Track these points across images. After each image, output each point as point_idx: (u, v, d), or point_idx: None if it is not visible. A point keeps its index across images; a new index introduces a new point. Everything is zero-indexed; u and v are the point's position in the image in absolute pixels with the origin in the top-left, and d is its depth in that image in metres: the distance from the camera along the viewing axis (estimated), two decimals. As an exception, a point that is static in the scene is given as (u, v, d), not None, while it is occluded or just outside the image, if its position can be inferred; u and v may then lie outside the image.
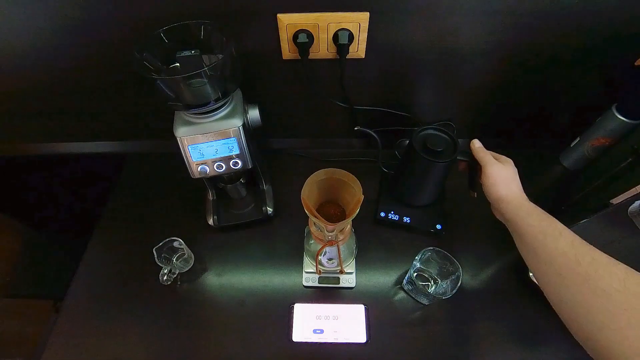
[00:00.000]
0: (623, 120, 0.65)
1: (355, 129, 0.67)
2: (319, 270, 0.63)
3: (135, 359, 0.59)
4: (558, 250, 0.40)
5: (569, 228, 0.42)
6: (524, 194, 0.50)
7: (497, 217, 0.53)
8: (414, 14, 0.58)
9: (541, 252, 0.41)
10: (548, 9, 0.57)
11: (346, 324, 0.61)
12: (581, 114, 0.75)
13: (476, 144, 0.56)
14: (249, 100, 0.62)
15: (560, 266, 0.38)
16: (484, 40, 0.62)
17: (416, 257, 0.60)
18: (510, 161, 0.54)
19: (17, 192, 0.86)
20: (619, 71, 0.67)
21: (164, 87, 0.51)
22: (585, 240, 0.40)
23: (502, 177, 0.51)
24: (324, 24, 0.59)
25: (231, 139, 0.57)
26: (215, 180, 0.71)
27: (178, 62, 0.51)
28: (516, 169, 0.53)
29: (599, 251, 0.38)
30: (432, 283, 0.64)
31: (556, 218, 0.44)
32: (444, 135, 0.60)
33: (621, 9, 0.57)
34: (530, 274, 0.62)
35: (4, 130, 0.84)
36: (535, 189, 0.76)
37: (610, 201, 0.57)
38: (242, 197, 0.74)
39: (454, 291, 0.57)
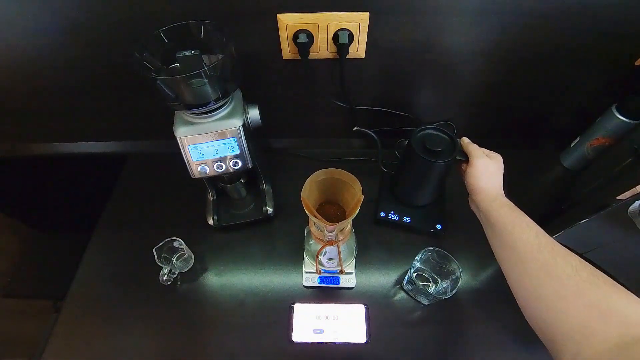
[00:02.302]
0: (623, 120, 0.65)
1: (354, 129, 0.68)
2: (319, 270, 0.63)
3: (135, 359, 0.59)
4: (523, 240, 0.43)
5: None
6: (502, 190, 0.53)
7: (472, 208, 0.56)
8: (414, 14, 0.58)
9: (508, 239, 0.45)
10: (548, 9, 0.57)
11: (346, 324, 0.61)
12: (581, 114, 0.75)
13: (465, 139, 0.59)
14: (249, 100, 0.62)
15: (524, 253, 0.42)
16: (484, 40, 0.62)
17: (416, 257, 0.60)
18: (499, 157, 0.55)
19: (17, 192, 0.86)
20: (619, 71, 0.67)
21: (164, 87, 0.51)
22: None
23: (486, 169, 0.53)
24: (324, 24, 0.59)
25: (231, 139, 0.57)
26: (215, 180, 0.71)
27: (178, 62, 0.51)
28: (502, 166, 0.55)
29: (560, 244, 0.42)
30: (432, 283, 0.64)
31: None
32: (443, 135, 0.60)
33: (621, 8, 0.57)
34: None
35: (4, 130, 0.84)
36: (535, 189, 0.76)
37: (611, 201, 0.57)
38: (242, 197, 0.74)
39: (454, 291, 0.57)
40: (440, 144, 0.58)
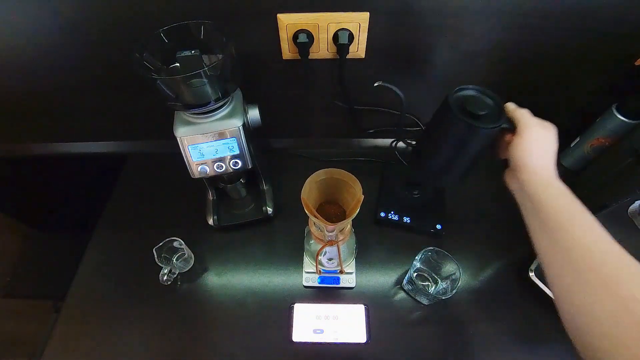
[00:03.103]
0: (623, 120, 0.65)
1: (376, 84, 0.57)
2: (319, 270, 0.63)
3: (135, 359, 0.59)
4: (584, 245, 0.35)
5: None
6: (556, 170, 0.43)
7: (511, 186, 0.46)
8: (414, 14, 0.58)
9: (563, 240, 0.36)
10: (548, 9, 0.57)
11: (346, 324, 0.61)
12: (581, 114, 0.75)
13: (511, 104, 0.47)
14: (249, 100, 0.62)
15: (582, 261, 0.34)
16: (483, 40, 0.62)
17: (416, 257, 0.60)
18: (554, 129, 0.45)
19: (17, 192, 0.86)
20: (619, 71, 0.67)
21: (164, 87, 0.51)
22: None
23: (539, 142, 0.43)
24: (324, 24, 0.59)
25: (231, 139, 0.57)
26: (215, 180, 0.71)
27: (178, 62, 0.51)
28: (557, 140, 0.45)
29: (629, 255, 0.33)
30: (432, 283, 0.64)
31: None
32: (486, 98, 0.49)
33: (621, 8, 0.57)
34: (531, 273, 0.62)
35: (4, 130, 0.84)
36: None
37: (611, 201, 0.57)
38: (242, 197, 0.74)
39: (454, 291, 0.57)
40: (483, 108, 0.47)
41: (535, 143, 0.43)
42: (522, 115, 0.45)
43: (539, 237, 0.40)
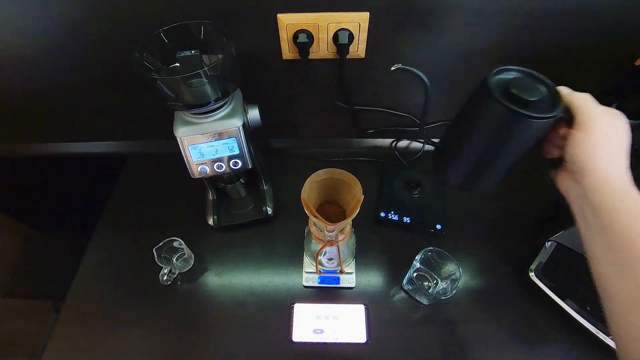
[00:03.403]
0: (623, 120, 0.65)
1: (393, 68, 0.50)
2: (319, 270, 0.63)
3: (135, 359, 0.59)
4: None
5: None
6: (630, 176, 0.33)
7: (566, 190, 0.37)
8: (414, 14, 0.58)
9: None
10: (548, 9, 0.57)
11: (346, 324, 0.61)
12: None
13: (565, 89, 0.37)
14: (249, 100, 0.62)
15: None
16: (484, 40, 0.62)
17: (416, 257, 0.60)
18: (624, 118, 0.35)
19: (17, 192, 0.86)
20: (619, 71, 0.67)
21: (164, 87, 0.51)
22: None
23: (608, 137, 0.33)
24: (324, 24, 0.59)
25: (231, 139, 0.57)
26: (215, 180, 0.71)
27: (178, 62, 0.51)
28: (630, 134, 0.34)
29: None
30: (432, 283, 0.64)
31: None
32: (535, 82, 0.38)
33: (621, 9, 0.57)
34: (531, 273, 0.62)
35: (4, 130, 0.84)
36: (535, 189, 0.76)
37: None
38: (242, 197, 0.74)
39: (454, 291, 0.57)
40: (533, 93, 0.36)
41: (604, 139, 0.33)
42: (584, 102, 0.34)
43: (602, 260, 0.33)
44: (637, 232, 0.30)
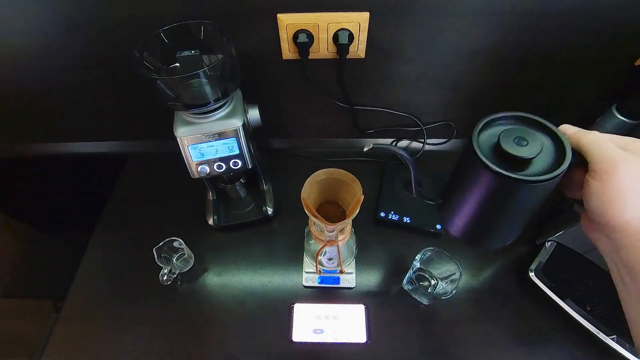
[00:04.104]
0: (623, 120, 0.65)
1: (366, 149, 0.40)
2: (319, 270, 0.63)
3: (135, 359, 0.59)
4: None
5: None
6: None
7: (596, 242, 0.31)
8: (414, 14, 0.58)
9: None
10: (548, 9, 0.57)
11: (346, 324, 0.61)
12: (581, 114, 0.75)
13: (570, 128, 0.31)
14: (249, 100, 0.62)
15: None
16: (484, 40, 0.62)
17: (416, 257, 0.60)
18: None
19: (17, 192, 0.86)
20: (619, 71, 0.67)
21: (164, 87, 0.51)
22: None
23: (633, 182, 0.27)
24: (324, 24, 0.59)
25: (231, 139, 0.57)
26: (215, 180, 0.71)
27: (178, 62, 0.51)
28: None
29: None
30: (432, 283, 0.64)
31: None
32: (531, 129, 0.31)
33: (621, 9, 0.57)
34: (531, 273, 0.62)
35: (4, 130, 0.84)
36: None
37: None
38: (242, 197, 0.74)
39: (454, 291, 0.57)
40: (531, 146, 0.29)
41: (629, 187, 0.27)
42: (595, 144, 0.28)
43: None
44: None
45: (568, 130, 0.31)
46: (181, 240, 0.64)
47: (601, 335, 0.55)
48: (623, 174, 0.26)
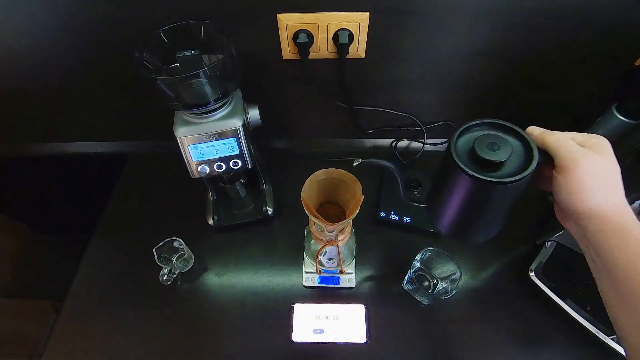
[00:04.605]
0: (623, 120, 0.65)
1: (355, 164, 0.44)
2: (319, 270, 0.63)
3: (135, 359, 0.59)
4: None
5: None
6: (629, 207, 0.31)
7: (568, 228, 0.36)
8: (414, 14, 0.58)
9: None
10: (548, 9, 0.57)
11: (346, 324, 0.61)
12: (581, 114, 0.75)
13: (536, 129, 0.35)
14: (249, 100, 0.62)
15: None
16: (484, 40, 0.62)
17: (416, 257, 0.60)
18: (607, 146, 0.32)
19: (17, 192, 0.86)
20: (619, 71, 0.67)
21: (164, 87, 0.51)
22: None
23: (595, 175, 0.30)
24: (324, 24, 0.59)
25: (231, 139, 0.57)
26: (215, 180, 0.71)
27: (178, 62, 0.51)
28: (615, 159, 0.32)
29: None
30: (432, 283, 0.64)
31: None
32: (503, 134, 0.35)
33: (621, 8, 0.57)
34: (531, 274, 0.62)
35: (4, 130, 0.84)
36: (535, 189, 0.76)
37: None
38: (242, 197, 0.74)
39: (454, 291, 0.57)
40: (502, 150, 0.33)
41: (590, 178, 0.30)
42: (557, 143, 0.32)
43: (611, 302, 0.32)
44: (632, 267, 0.29)
45: (534, 131, 0.35)
46: (181, 240, 0.64)
47: (601, 336, 0.55)
48: (583, 168, 0.30)
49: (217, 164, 0.60)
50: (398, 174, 0.43)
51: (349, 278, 0.65)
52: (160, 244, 0.63)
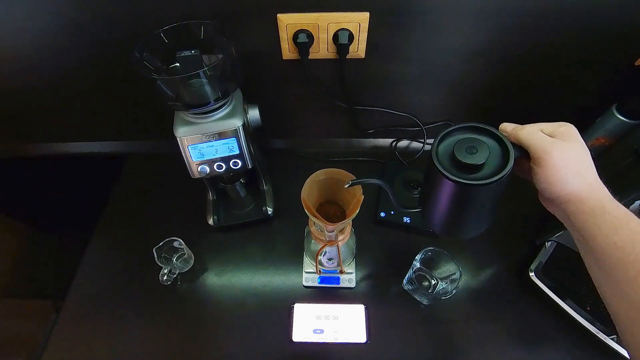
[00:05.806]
0: (623, 120, 0.65)
1: (346, 186, 0.47)
2: (319, 270, 0.63)
3: (135, 359, 0.59)
4: None
5: None
6: (603, 185, 0.33)
7: (550, 211, 0.38)
8: (414, 14, 0.58)
9: (632, 294, 0.29)
10: (548, 9, 0.57)
11: (346, 324, 0.61)
12: (581, 114, 0.75)
13: (508, 126, 0.37)
14: (249, 100, 0.62)
15: None
16: (484, 40, 0.62)
17: (416, 257, 0.60)
18: (573, 132, 0.34)
19: (17, 192, 0.86)
20: (619, 71, 0.67)
21: (164, 87, 0.51)
22: None
23: (567, 164, 0.32)
24: (324, 24, 0.59)
25: (231, 139, 0.57)
26: (215, 180, 0.71)
27: (178, 62, 0.51)
28: (584, 143, 0.34)
29: None
30: (432, 283, 0.64)
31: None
32: (481, 137, 0.36)
33: (621, 9, 0.57)
34: (531, 274, 0.62)
35: (4, 130, 0.84)
36: (535, 189, 0.76)
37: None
38: (242, 197, 0.74)
39: (454, 291, 0.57)
40: (480, 153, 0.34)
41: (563, 165, 0.32)
42: (527, 136, 0.34)
43: (597, 280, 0.33)
44: (611, 242, 0.30)
45: (507, 128, 0.36)
46: (181, 240, 0.64)
47: (601, 335, 0.55)
48: (555, 158, 0.32)
49: (217, 164, 0.60)
50: (388, 189, 0.45)
51: (349, 278, 0.65)
52: (160, 244, 0.63)
